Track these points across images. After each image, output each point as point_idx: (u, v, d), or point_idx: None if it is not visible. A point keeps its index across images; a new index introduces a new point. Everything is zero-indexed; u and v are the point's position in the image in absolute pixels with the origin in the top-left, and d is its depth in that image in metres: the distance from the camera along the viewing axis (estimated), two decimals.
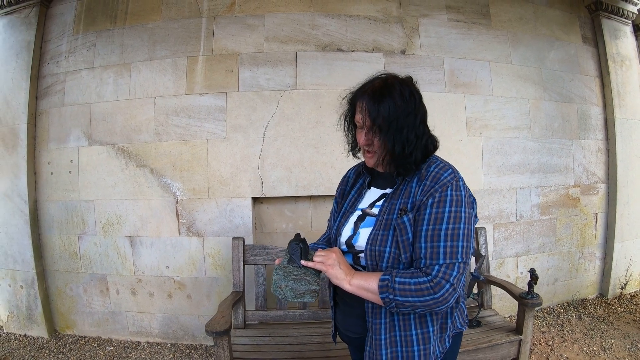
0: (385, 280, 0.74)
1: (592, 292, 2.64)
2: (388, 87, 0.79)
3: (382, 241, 0.78)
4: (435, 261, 0.72)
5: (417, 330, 0.78)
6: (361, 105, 0.80)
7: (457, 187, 0.75)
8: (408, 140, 0.77)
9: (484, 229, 1.93)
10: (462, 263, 0.72)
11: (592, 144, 2.56)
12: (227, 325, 1.34)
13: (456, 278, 0.71)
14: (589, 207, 2.55)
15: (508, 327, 1.68)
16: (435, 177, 0.76)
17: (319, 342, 1.59)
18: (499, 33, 2.31)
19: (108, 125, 2.15)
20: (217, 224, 2.06)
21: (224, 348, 1.34)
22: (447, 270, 0.71)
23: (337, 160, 2.04)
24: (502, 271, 2.30)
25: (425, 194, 0.75)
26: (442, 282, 0.71)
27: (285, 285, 0.81)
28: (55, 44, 2.26)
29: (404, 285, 0.72)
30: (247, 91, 2.06)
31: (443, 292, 0.70)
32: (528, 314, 1.58)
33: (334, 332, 1.00)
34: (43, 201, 2.22)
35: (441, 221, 0.72)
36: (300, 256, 0.82)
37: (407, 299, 0.72)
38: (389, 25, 2.14)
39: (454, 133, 2.16)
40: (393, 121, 0.77)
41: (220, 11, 2.12)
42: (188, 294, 2.12)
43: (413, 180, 0.79)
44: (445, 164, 0.79)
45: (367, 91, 0.80)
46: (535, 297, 1.59)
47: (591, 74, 2.61)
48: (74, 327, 2.25)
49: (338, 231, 0.90)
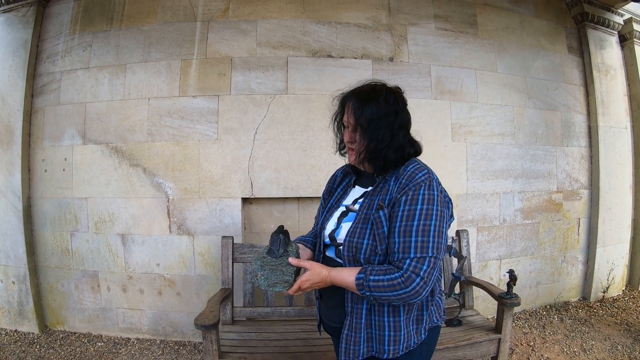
0: (360, 279, 0.81)
1: (574, 296, 2.75)
2: (375, 92, 0.88)
3: (361, 234, 0.85)
4: (406, 255, 0.78)
5: (390, 318, 0.87)
6: (348, 105, 0.90)
7: (429, 187, 0.81)
8: (383, 139, 0.85)
9: (467, 231, 2.03)
10: (433, 258, 0.78)
11: (576, 150, 2.67)
12: (215, 320, 1.41)
13: (427, 272, 0.77)
14: (572, 212, 2.66)
15: (488, 327, 1.77)
16: (410, 177, 0.83)
17: (304, 338, 1.67)
18: (486, 42, 2.42)
19: (102, 125, 2.22)
20: (208, 223, 2.14)
21: (212, 341, 1.41)
22: (417, 264, 0.78)
23: (325, 163, 2.13)
24: (486, 273, 2.40)
25: (400, 191, 0.83)
26: (412, 276, 0.77)
27: (261, 275, 0.88)
28: (51, 43, 2.33)
29: (377, 282, 0.79)
30: (239, 95, 2.14)
31: (414, 286, 0.77)
32: (507, 313, 1.67)
33: (319, 323, 1.09)
34: (37, 198, 2.29)
35: (413, 218, 0.79)
36: (279, 247, 0.89)
37: (382, 294, 0.79)
38: (378, 33, 2.24)
39: (439, 139, 2.26)
40: (373, 121, 0.86)
41: (214, 16, 2.20)
42: (178, 292, 2.19)
43: (392, 179, 0.87)
44: (421, 166, 0.87)
45: (355, 94, 0.90)
46: (513, 297, 1.67)
47: (576, 83, 2.72)
48: (65, 323, 2.32)
49: (323, 225, 0.99)
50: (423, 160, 0.92)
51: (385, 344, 0.87)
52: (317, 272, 0.87)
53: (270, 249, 0.91)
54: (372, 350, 0.89)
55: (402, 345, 0.87)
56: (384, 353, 0.87)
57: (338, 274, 0.86)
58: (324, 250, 0.99)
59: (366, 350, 0.89)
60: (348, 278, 0.84)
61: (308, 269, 0.88)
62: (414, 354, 0.90)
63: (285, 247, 0.90)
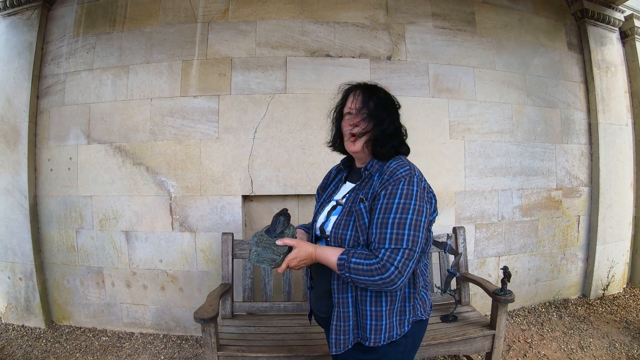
0: (342, 260, 0.86)
1: (574, 293, 2.76)
2: (376, 87, 1.00)
3: (345, 226, 0.91)
4: (382, 245, 0.83)
5: (372, 307, 0.91)
6: (354, 94, 0.97)
7: (409, 182, 0.86)
8: (389, 127, 0.94)
9: (463, 228, 2.06)
10: (408, 250, 0.82)
11: (576, 148, 2.68)
12: (213, 313, 1.47)
13: (401, 262, 0.81)
14: (572, 209, 2.68)
15: (483, 323, 1.79)
16: (392, 172, 0.89)
17: (301, 332, 1.72)
18: (484, 40, 2.44)
19: (106, 125, 2.29)
20: (209, 220, 2.20)
21: (211, 334, 1.47)
22: (391, 254, 0.82)
23: (324, 161, 2.17)
24: (484, 270, 2.43)
25: (381, 185, 0.88)
26: (387, 264, 0.81)
27: (254, 250, 0.94)
28: (56, 45, 2.40)
29: (357, 265, 0.84)
30: (239, 94, 2.20)
31: (389, 274, 0.81)
32: (501, 309, 1.70)
33: (309, 312, 1.15)
34: (42, 196, 2.37)
35: (390, 211, 0.84)
36: (276, 228, 0.95)
37: (359, 277, 0.84)
38: (376, 32, 2.28)
39: (437, 136, 2.29)
40: (378, 109, 0.94)
41: (214, 17, 2.26)
42: (180, 287, 2.25)
43: (376, 174, 0.93)
44: (404, 162, 0.92)
45: (361, 85, 1.00)
46: (508, 293, 1.71)
47: (576, 80, 2.73)
48: (70, 318, 2.39)
49: (315, 218, 1.05)
50: (421, 158, 1.00)
51: (367, 332, 0.91)
52: (304, 249, 0.91)
53: (268, 228, 0.97)
54: (357, 337, 0.93)
55: (384, 335, 0.91)
56: (367, 341, 0.91)
57: (323, 251, 0.91)
58: (316, 242, 1.04)
59: (353, 338, 0.93)
60: (331, 257, 0.89)
61: (295, 247, 0.91)
62: (397, 345, 0.93)
63: (282, 229, 0.95)
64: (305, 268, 1.07)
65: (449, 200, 2.31)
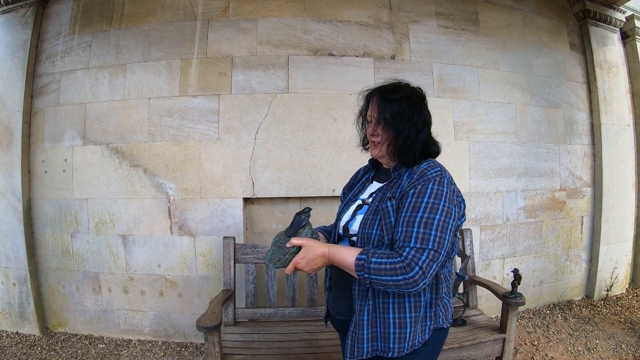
0: (362, 259, 0.79)
1: (578, 294, 2.69)
2: (399, 88, 0.92)
3: (370, 224, 0.86)
4: (407, 244, 0.77)
5: (395, 314, 0.84)
6: (373, 101, 0.92)
7: (439, 182, 0.81)
8: (409, 134, 0.87)
9: (470, 230, 1.98)
10: (433, 251, 0.76)
11: (579, 148, 2.62)
12: (217, 321, 1.37)
13: (425, 263, 0.76)
14: (575, 210, 2.61)
15: (493, 326, 1.72)
16: (422, 172, 0.84)
17: (307, 339, 1.62)
18: (488, 39, 2.37)
19: (102, 125, 2.18)
20: (209, 224, 2.10)
21: (214, 343, 1.37)
22: (416, 253, 0.76)
23: (327, 163, 2.08)
24: (489, 272, 2.35)
25: (410, 184, 0.83)
26: (412, 263, 0.75)
27: (271, 249, 0.90)
28: (51, 44, 2.29)
29: (379, 264, 0.77)
30: (240, 94, 2.10)
31: (413, 274, 0.75)
32: (511, 313, 1.63)
33: (325, 315, 1.08)
34: (37, 199, 2.25)
35: (418, 209, 0.79)
36: (291, 227, 0.91)
37: (381, 277, 0.77)
38: (379, 31, 2.19)
39: (441, 137, 2.16)
40: (397, 116, 0.88)
41: (214, 15, 2.16)
42: (179, 293, 2.14)
43: (405, 174, 0.88)
44: (435, 164, 0.87)
45: (380, 89, 0.93)
46: (518, 296, 1.63)
47: (578, 80, 2.67)
48: (66, 324, 2.27)
49: (339, 217, 1.00)
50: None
51: (390, 341, 0.84)
52: (313, 249, 0.84)
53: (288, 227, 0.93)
54: (377, 350, 0.86)
55: (408, 344, 0.85)
56: (389, 352, 0.85)
57: (337, 251, 0.85)
58: (338, 242, 0.99)
59: (371, 350, 0.86)
60: (347, 257, 0.82)
61: (303, 246, 0.85)
62: (418, 353, 0.87)
63: (297, 228, 0.90)
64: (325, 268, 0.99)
65: None
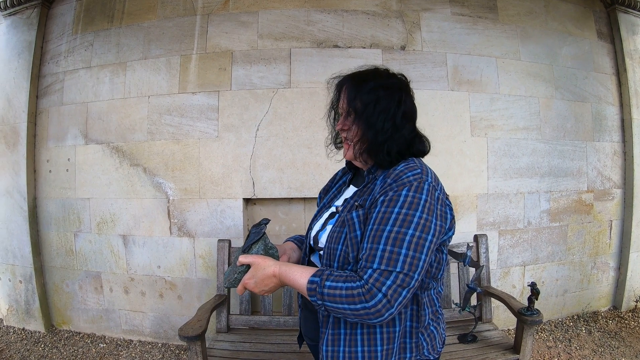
0: (314, 283, 0.63)
1: (604, 305, 2.38)
2: (374, 73, 0.74)
3: (337, 238, 0.69)
4: (370, 264, 0.60)
5: (364, 347, 0.67)
6: (344, 89, 0.75)
7: (417, 189, 0.62)
8: (383, 129, 0.69)
9: (485, 236, 1.74)
10: (403, 274, 0.59)
11: (608, 146, 2.30)
12: (200, 330, 1.24)
13: (391, 289, 0.58)
14: (603, 213, 2.29)
15: (506, 345, 1.49)
16: (397, 175, 0.65)
17: (301, 352, 1.43)
18: (507, 28, 2.09)
19: (103, 124, 2.07)
20: (208, 225, 1.95)
21: (197, 353, 1.24)
22: (379, 277, 0.59)
23: (332, 162, 1.87)
24: (507, 281, 2.09)
25: (381, 190, 0.66)
26: (373, 289, 0.58)
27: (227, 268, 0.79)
28: (55, 44, 2.20)
29: (334, 290, 0.61)
30: (240, 90, 1.93)
31: (375, 302, 0.58)
32: (527, 331, 1.40)
33: (299, 335, 0.92)
34: (42, 198, 2.17)
35: (386, 222, 0.61)
36: (245, 243, 0.78)
37: (336, 305, 0.61)
38: (388, 20, 1.97)
39: (457, 133, 1.96)
40: (369, 104, 0.69)
41: (214, 9, 2.00)
42: (179, 295, 2.01)
43: (379, 177, 0.70)
44: (415, 164, 0.68)
45: (352, 76, 0.76)
46: (535, 313, 1.40)
47: (607, 72, 2.35)
48: (70, 323, 2.19)
49: (310, 226, 0.84)
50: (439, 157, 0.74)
51: None
52: (262, 267, 0.70)
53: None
54: None
55: None
56: None
57: (289, 271, 0.68)
58: (309, 254, 0.83)
59: None
60: (300, 279, 0.66)
61: (252, 264, 0.71)
62: None
63: (250, 243, 0.76)
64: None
65: (470, 204, 1.98)
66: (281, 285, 0.70)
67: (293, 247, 0.90)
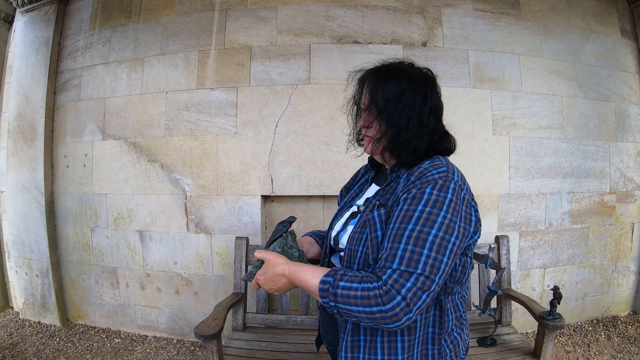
0: (326, 283, 0.58)
1: (624, 310, 2.29)
2: (398, 67, 0.69)
3: (358, 240, 0.65)
4: (389, 264, 0.55)
5: (385, 355, 0.63)
6: (366, 84, 0.70)
7: (441, 187, 0.58)
8: (408, 127, 0.64)
9: (507, 237, 1.67)
10: (424, 277, 0.54)
11: (631, 146, 2.21)
12: (217, 329, 1.20)
13: (411, 292, 0.53)
14: (626, 216, 2.20)
15: (526, 349, 1.43)
16: (422, 173, 0.61)
17: (319, 353, 1.39)
18: (530, 24, 2.01)
19: (121, 120, 2.03)
20: (226, 222, 1.90)
21: (213, 352, 1.20)
22: (399, 278, 0.54)
23: (352, 159, 1.81)
24: (527, 283, 2.01)
25: (404, 188, 0.62)
26: (391, 291, 0.53)
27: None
28: (72, 40, 2.17)
29: (348, 290, 0.56)
30: (259, 85, 1.88)
31: (393, 305, 0.53)
32: (548, 336, 1.33)
33: (317, 337, 0.89)
34: (59, 193, 2.15)
35: (409, 220, 0.57)
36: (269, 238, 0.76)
37: (350, 307, 0.55)
38: (409, 16, 1.90)
39: (478, 132, 1.89)
40: (392, 100, 0.65)
41: (232, 4, 1.95)
42: (195, 291, 1.97)
43: (403, 175, 0.66)
44: (441, 162, 0.63)
45: (374, 70, 0.71)
46: (557, 318, 1.33)
47: (630, 70, 2.25)
48: (86, 317, 2.17)
49: (331, 225, 0.80)
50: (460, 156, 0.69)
51: None
52: (272, 265, 0.66)
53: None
54: None
55: None
56: None
57: (299, 271, 0.62)
58: (330, 254, 0.79)
59: None
60: (311, 279, 0.60)
61: (265, 260, 0.68)
62: None
63: (272, 239, 0.75)
64: None
65: (491, 204, 1.91)
66: (292, 286, 0.65)
67: (311, 241, 0.86)
